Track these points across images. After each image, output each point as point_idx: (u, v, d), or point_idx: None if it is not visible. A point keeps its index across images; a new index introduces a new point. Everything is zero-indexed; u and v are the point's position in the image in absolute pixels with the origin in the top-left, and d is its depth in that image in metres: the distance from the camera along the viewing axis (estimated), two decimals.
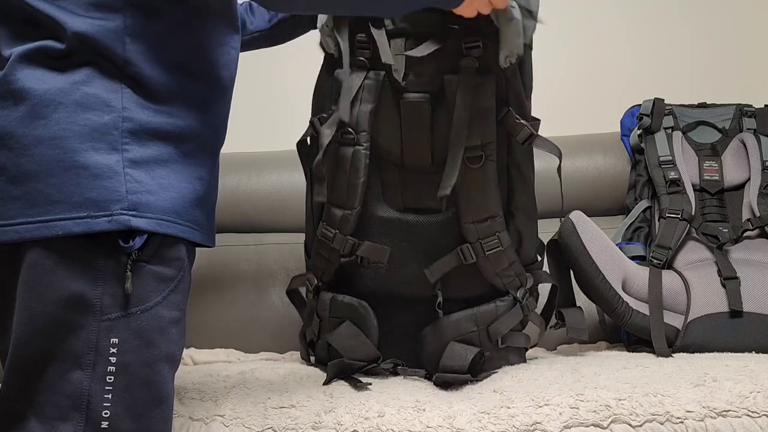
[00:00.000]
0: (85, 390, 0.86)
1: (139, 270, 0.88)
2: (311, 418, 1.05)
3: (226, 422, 1.06)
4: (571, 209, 1.50)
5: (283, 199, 1.81)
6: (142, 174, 0.89)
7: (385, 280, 1.28)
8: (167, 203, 0.90)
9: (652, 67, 2.10)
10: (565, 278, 1.48)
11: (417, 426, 1.03)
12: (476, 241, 1.23)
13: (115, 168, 0.87)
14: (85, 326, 0.87)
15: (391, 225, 1.27)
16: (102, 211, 0.86)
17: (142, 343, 0.89)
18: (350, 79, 1.23)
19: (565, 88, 2.11)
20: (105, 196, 0.86)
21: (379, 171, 1.28)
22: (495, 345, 1.25)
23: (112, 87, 0.89)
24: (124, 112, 0.89)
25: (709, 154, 1.76)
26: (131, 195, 0.87)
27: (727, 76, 2.09)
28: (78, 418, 0.86)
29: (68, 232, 0.85)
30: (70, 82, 0.88)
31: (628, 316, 1.41)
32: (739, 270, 1.47)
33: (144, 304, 0.89)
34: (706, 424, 1.03)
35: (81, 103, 0.87)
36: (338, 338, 1.26)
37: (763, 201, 1.64)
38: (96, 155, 0.87)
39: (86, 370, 0.86)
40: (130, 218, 0.87)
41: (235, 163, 1.84)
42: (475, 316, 1.24)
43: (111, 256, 0.87)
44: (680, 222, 1.60)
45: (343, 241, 1.26)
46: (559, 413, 1.04)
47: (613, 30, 2.12)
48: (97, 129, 0.87)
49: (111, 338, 0.87)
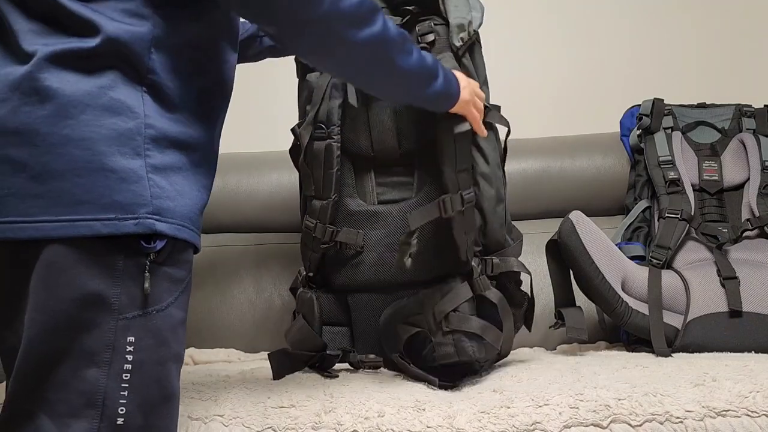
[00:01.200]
0: (102, 387, 0.87)
1: (156, 271, 0.90)
2: (311, 418, 1.05)
3: (226, 422, 1.06)
4: (571, 209, 1.50)
5: (283, 199, 1.81)
6: (162, 180, 0.91)
7: (360, 269, 1.34)
8: (184, 209, 0.93)
9: (652, 67, 2.10)
10: (564, 278, 1.48)
11: (417, 426, 1.03)
12: (457, 192, 1.23)
13: (139, 173, 0.89)
14: (102, 325, 0.88)
15: (363, 216, 1.35)
16: (129, 213, 0.88)
17: (157, 342, 0.91)
18: (320, 79, 1.35)
19: (565, 88, 2.11)
20: (132, 199, 0.88)
21: (352, 167, 1.37)
22: (439, 328, 1.22)
23: (134, 94, 0.91)
24: (147, 119, 0.91)
25: (709, 154, 1.76)
26: (155, 200, 0.90)
27: (726, 76, 2.09)
28: (93, 415, 0.87)
29: (96, 232, 0.86)
30: (97, 86, 0.89)
31: (627, 316, 1.41)
32: (738, 270, 1.47)
33: (159, 305, 0.91)
34: (705, 424, 1.04)
35: (108, 107, 0.89)
36: (290, 334, 1.33)
37: (762, 201, 1.64)
38: (122, 159, 0.88)
39: (102, 367, 0.87)
40: (154, 222, 0.89)
41: (235, 163, 1.84)
42: (420, 298, 1.26)
43: (130, 257, 0.89)
44: (680, 222, 1.60)
45: (323, 230, 1.34)
46: (559, 413, 1.04)
47: (613, 30, 2.12)
48: (123, 134, 0.89)
49: (128, 337, 0.88)
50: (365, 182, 1.37)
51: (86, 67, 0.89)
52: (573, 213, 1.48)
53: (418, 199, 1.33)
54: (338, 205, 1.35)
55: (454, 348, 1.21)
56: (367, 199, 1.36)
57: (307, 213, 1.38)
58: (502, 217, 1.30)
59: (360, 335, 1.35)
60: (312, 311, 1.36)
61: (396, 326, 1.26)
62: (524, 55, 2.11)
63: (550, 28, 2.12)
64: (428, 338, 1.22)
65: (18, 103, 0.87)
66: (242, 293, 1.72)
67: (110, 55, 0.90)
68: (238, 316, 1.70)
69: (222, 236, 1.77)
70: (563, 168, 1.85)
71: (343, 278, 1.36)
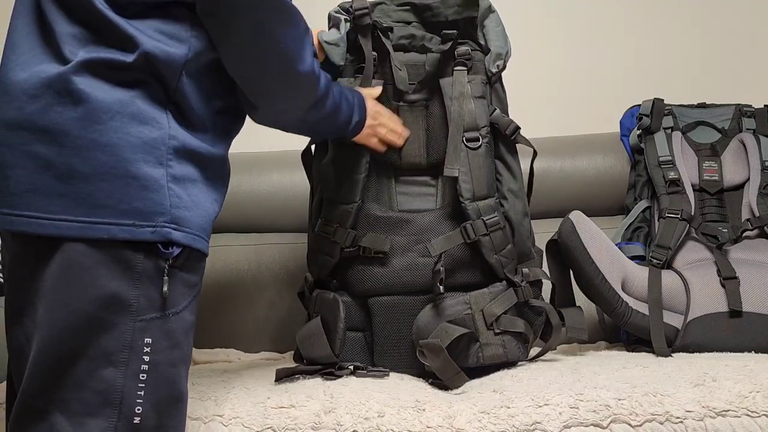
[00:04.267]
0: (119, 386, 0.89)
1: (174, 275, 0.93)
2: (311, 418, 1.05)
3: (225, 422, 1.06)
4: (571, 209, 1.50)
5: (283, 199, 1.81)
6: (181, 190, 0.94)
7: (384, 273, 1.32)
8: (200, 220, 0.96)
9: (652, 67, 2.10)
10: (564, 278, 1.48)
11: (417, 426, 1.03)
12: (478, 218, 1.30)
13: (160, 182, 0.92)
14: (120, 325, 0.89)
15: (389, 222, 1.34)
16: (147, 221, 0.90)
17: (171, 344, 0.93)
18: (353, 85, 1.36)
19: (565, 88, 2.11)
20: (151, 207, 0.91)
21: (377, 174, 1.36)
22: (490, 329, 1.26)
23: (159, 108, 0.94)
24: (171, 130, 0.94)
25: (709, 154, 1.76)
26: (174, 209, 0.92)
27: (726, 76, 2.09)
28: (110, 414, 0.89)
29: (113, 236, 0.89)
30: (128, 96, 0.92)
31: (627, 316, 1.41)
32: (738, 270, 1.47)
33: (176, 308, 0.93)
34: (705, 424, 1.04)
35: (135, 116, 0.91)
36: (302, 333, 1.31)
37: (762, 201, 1.64)
38: (146, 167, 0.91)
39: (119, 367, 0.89)
40: (171, 231, 0.92)
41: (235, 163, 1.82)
42: (468, 300, 1.27)
43: (150, 261, 0.91)
44: (680, 222, 1.60)
45: (344, 234, 1.32)
46: (559, 413, 1.04)
47: (613, 30, 2.11)
48: (148, 142, 0.91)
49: (145, 338, 0.91)
50: (387, 189, 1.38)
51: (119, 78, 0.92)
52: (573, 213, 1.48)
53: (441, 212, 1.35)
54: (361, 210, 1.34)
55: (503, 349, 1.27)
56: (390, 207, 1.36)
57: (322, 216, 1.37)
58: (528, 229, 1.39)
59: (380, 339, 1.31)
60: (336, 313, 1.31)
61: (444, 324, 1.23)
62: (524, 55, 2.10)
63: (550, 28, 2.12)
64: (473, 338, 1.25)
65: (50, 102, 0.89)
66: (242, 293, 1.72)
67: (144, 70, 0.92)
68: (238, 316, 1.70)
69: (222, 236, 1.77)
70: (563, 168, 1.85)
71: (367, 283, 1.32)
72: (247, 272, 1.74)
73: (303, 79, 1.06)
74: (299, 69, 1.04)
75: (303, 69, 1.04)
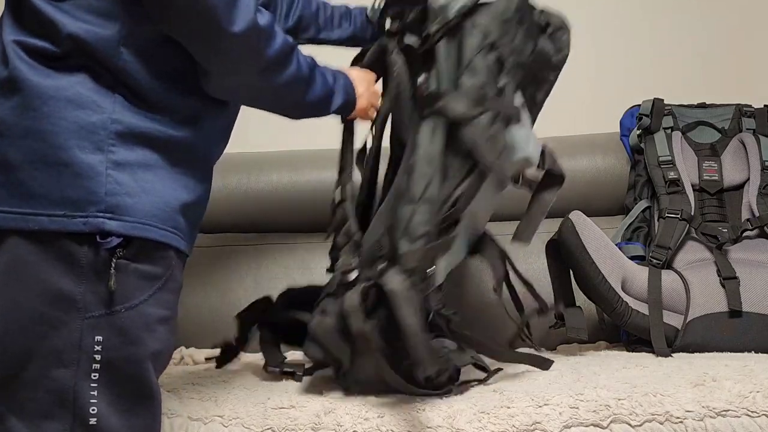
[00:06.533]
0: (70, 387, 0.86)
1: (123, 268, 0.88)
2: (311, 418, 1.05)
3: (225, 422, 1.06)
4: (571, 209, 1.50)
5: (283, 199, 1.80)
6: (124, 176, 0.89)
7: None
8: (147, 207, 0.90)
9: (652, 67, 2.10)
10: (564, 278, 1.48)
11: (417, 426, 1.03)
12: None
13: (97, 168, 0.87)
14: (68, 323, 0.86)
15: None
16: (79, 211, 0.86)
17: (127, 340, 0.88)
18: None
19: (565, 88, 2.10)
20: (83, 196, 0.86)
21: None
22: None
23: (104, 92, 0.90)
24: (114, 114, 0.89)
25: (709, 154, 1.76)
26: (109, 197, 0.87)
27: (726, 76, 2.09)
28: (65, 415, 0.86)
29: (43, 228, 0.85)
30: (66, 81, 0.88)
31: (627, 316, 1.41)
32: (738, 270, 1.47)
33: (128, 302, 0.89)
34: (705, 424, 1.04)
35: (72, 100, 0.88)
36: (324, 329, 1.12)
37: (762, 201, 1.64)
38: (80, 153, 0.87)
39: (70, 367, 0.86)
40: (104, 221, 0.86)
41: (235, 163, 1.84)
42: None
43: (94, 254, 0.87)
44: (680, 222, 1.60)
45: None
46: (559, 413, 1.04)
47: (612, 29, 2.11)
48: (85, 127, 0.87)
49: (95, 336, 0.87)
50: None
51: (56, 65, 0.88)
52: (573, 213, 1.48)
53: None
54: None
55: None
56: None
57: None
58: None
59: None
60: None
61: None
62: None
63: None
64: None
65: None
66: (242, 293, 1.72)
67: (77, 54, 0.89)
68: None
69: (222, 236, 1.77)
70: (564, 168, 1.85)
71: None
72: (247, 272, 1.74)
73: (237, 39, 0.91)
74: (228, 28, 0.90)
75: (234, 28, 0.90)
